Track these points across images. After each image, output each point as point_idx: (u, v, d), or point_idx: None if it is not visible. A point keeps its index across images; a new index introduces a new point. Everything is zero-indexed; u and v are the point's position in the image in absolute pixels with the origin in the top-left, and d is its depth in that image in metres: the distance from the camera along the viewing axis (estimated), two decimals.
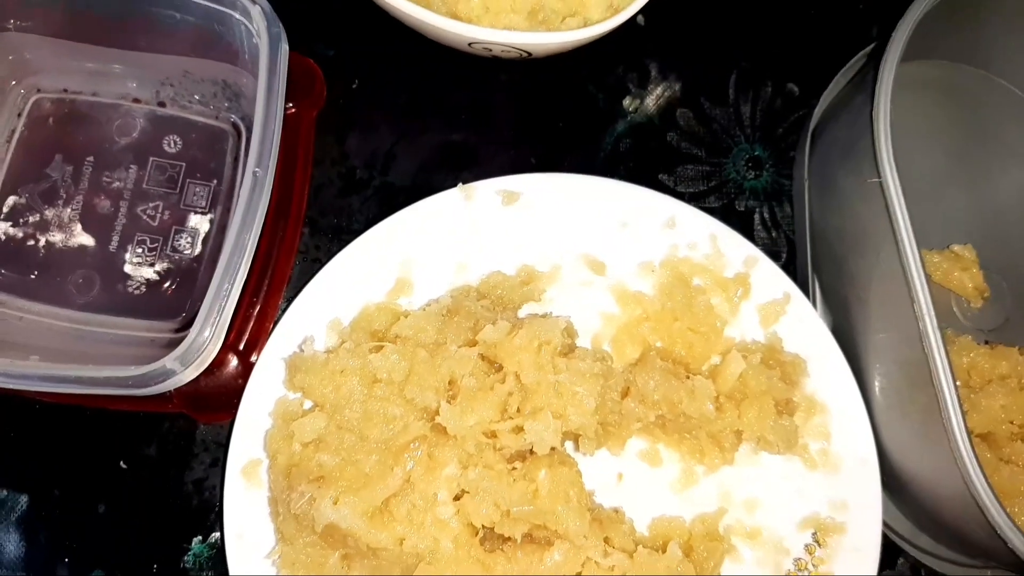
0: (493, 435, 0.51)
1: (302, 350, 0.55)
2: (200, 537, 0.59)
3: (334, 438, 0.51)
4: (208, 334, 0.49)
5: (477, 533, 0.51)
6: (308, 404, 0.55)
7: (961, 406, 0.49)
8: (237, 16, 0.55)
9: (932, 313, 0.50)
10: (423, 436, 0.51)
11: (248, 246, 0.50)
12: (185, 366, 0.49)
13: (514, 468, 0.51)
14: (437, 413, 0.51)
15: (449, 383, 0.52)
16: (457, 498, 0.50)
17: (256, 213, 0.50)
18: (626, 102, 0.67)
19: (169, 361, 0.48)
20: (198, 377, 0.52)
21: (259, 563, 0.53)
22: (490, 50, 0.57)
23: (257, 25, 0.54)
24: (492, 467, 0.50)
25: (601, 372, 0.52)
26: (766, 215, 0.66)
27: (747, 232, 0.65)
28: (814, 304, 0.62)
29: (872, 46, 0.63)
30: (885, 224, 0.53)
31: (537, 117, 0.67)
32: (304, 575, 0.50)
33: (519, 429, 0.51)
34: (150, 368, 0.48)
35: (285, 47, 0.54)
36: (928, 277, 0.51)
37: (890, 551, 0.61)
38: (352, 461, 0.50)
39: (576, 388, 0.51)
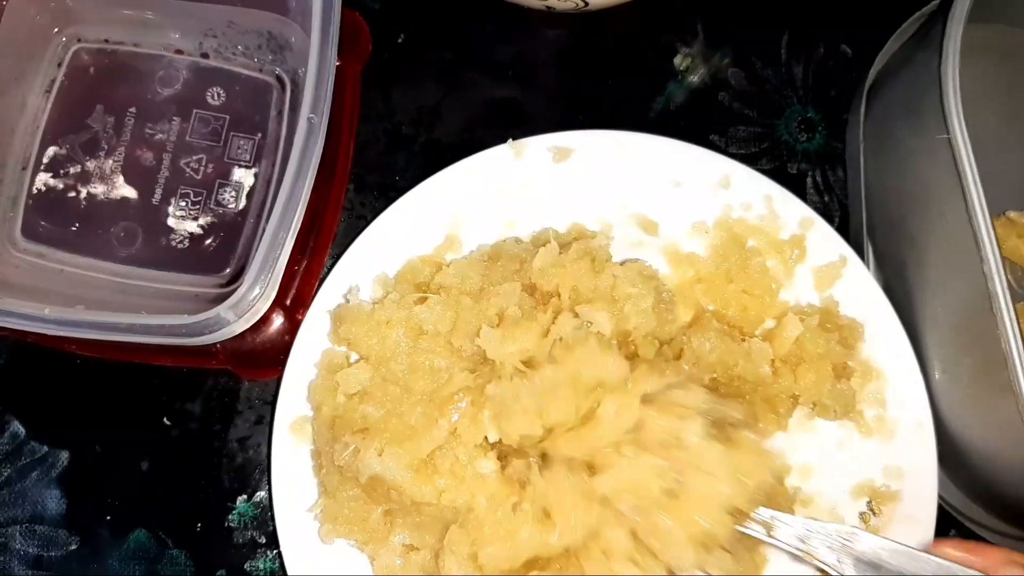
0: (530, 364, 0.50)
1: (347, 300, 0.54)
2: (245, 496, 0.58)
3: (379, 390, 0.50)
4: (260, 286, 0.48)
5: (512, 495, 0.50)
6: (354, 358, 0.54)
7: None
8: None
9: (1001, 271, 0.49)
10: (467, 387, 0.50)
11: (303, 195, 0.49)
12: (238, 316, 0.48)
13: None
14: (484, 358, 0.50)
15: (498, 321, 0.52)
16: (500, 456, 0.50)
17: (310, 162, 0.49)
18: (677, 61, 0.66)
19: (223, 310, 0.47)
20: (244, 333, 0.52)
21: (306, 521, 0.52)
22: (546, 2, 0.55)
23: None
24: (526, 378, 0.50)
25: (654, 275, 0.52)
26: (818, 179, 0.65)
27: (799, 196, 0.63)
28: (869, 269, 0.61)
29: (933, 4, 0.61)
30: (950, 182, 0.51)
31: (585, 75, 0.65)
32: (347, 531, 0.49)
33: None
34: (204, 316, 0.47)
35: None
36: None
37: (941, 522, 0.59)
38: (397, 413, 0.49)
39: (630, 289, 0.51)
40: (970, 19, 0.60)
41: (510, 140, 0.58)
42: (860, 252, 0.61)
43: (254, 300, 0.48)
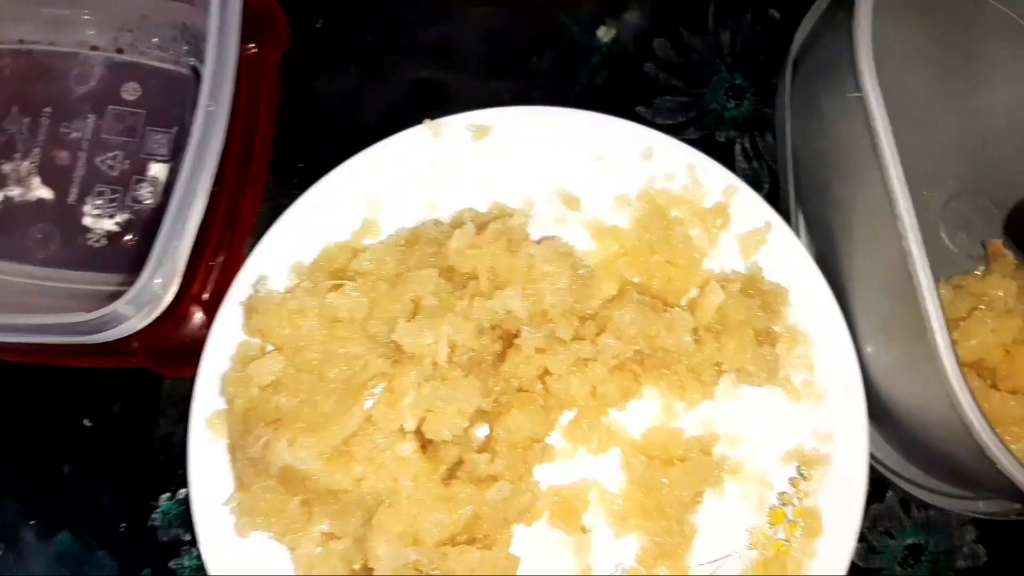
0: (453, 348, 0.50)
1: (256, 291, 0.53)
2: (168, 494, 0.58)
3: (292, 380, 0.49)
4: (160, 277, 0.47)
5: (438, 470, 0.49)
6: (271, 349, 0.53)
7: (948, 326, 0.47)
8: None
9: (917, 230, 0.48)
10: (383, 373, 0.49)
11: (201, 186, 0.48)
12: (137, 310, 0.47)
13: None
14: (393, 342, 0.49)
15: (414, 308, 0.51)
16: (421, 439, 0.49)
17: (209, 153, 0.49)
18: (600, 32, 0.65)
19: (120, 305, 0.46)
20: (161, 329, 0.51)
21: (225, 516, 0.52)
22: None
23: None
24: (447, 377, 0.49)
25: (571, 252, 0.52)
26: (747, 146, 0.64)
27: (728, 163, 0.62)
28: (798, 234, 0.60)
29: None
30: (867, 142, 0.50)
31: (509, 51, 0.65)
32: (264, 523, 0.49)
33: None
34: (100, 313, 0.46)
35: None
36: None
37: (878, 484, 0.59)
38: (310, 402, 0.49)
39: (546, 267, 0.51)
40: None
41: (427, 120, 0.57)
42: (789, 218, 0.60)
43: (153, 293, 0.47)
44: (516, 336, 0.51)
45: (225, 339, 0.54)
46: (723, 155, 0.63)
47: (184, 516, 0.57)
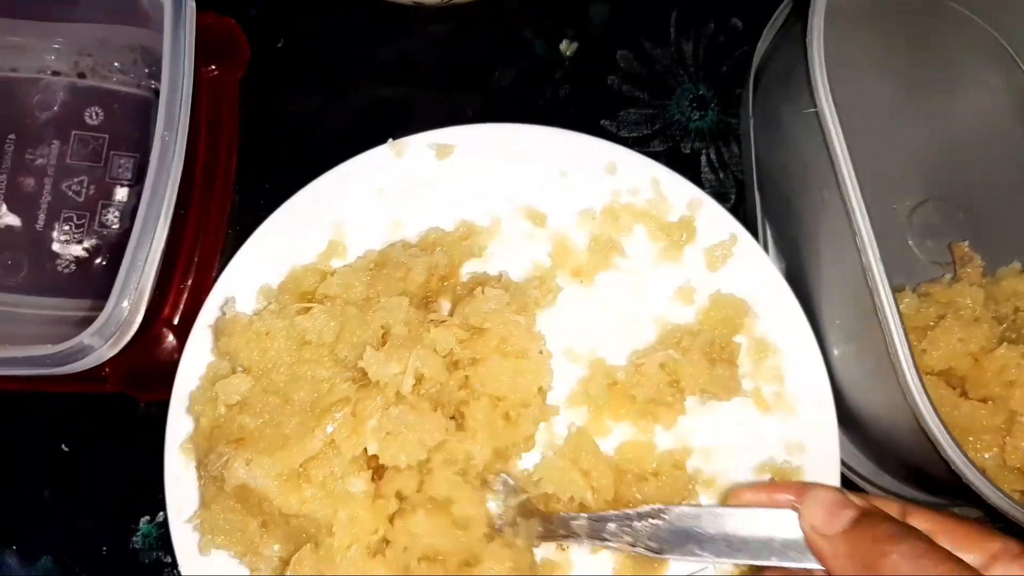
0: (420, 380, 0.50)
1: (224, 313, 0.53)
2: (148, 517, 0.58)
3: (258, 400, 0.50)
4: (125, 306, 0.47)
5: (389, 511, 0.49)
6: (240, 370, 0.53)
7: (908, 340, 0.48)
8: None
9: (874, 244, 0.48)
10: (346, 398, 0.49)
11: (162, 213, 0.48)
12: (104, 340, 0.47)
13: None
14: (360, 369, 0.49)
15: (383, 334, 0.51)
16: (375, 472, 0.49)
17: (167, 179, 0.49)
18: (563, 46, 0.65)
19: (87, 336, 0.47)
20: (132, 354, 0.51)
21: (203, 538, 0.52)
22: None
23: None
24: (415, 407, 0.49)
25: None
26: (713, 156, 0.64)
27: (694, 175, 0.63)
28: (765, 246, 0.60)
29: None
30: (826, 156, 0.51)
31: (472, 67, 0.65)
32: (225, 542, 0.49)
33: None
34: (67, 345, 0.46)
35: (191, 3, 0.52)
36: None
37: (851, 490, 0.59)
38: (273, 423, 0.49)
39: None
40: None
41: (390, 140, 0.57)
42: (755, 230, 0.60)
43: (119, 323, 0.47)
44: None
45: (197, 362, 0.54)
46: (689, 166, 0.63)
47: (164, 538, 0.57)
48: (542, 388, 0.52)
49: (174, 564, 0.56)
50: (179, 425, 0.53)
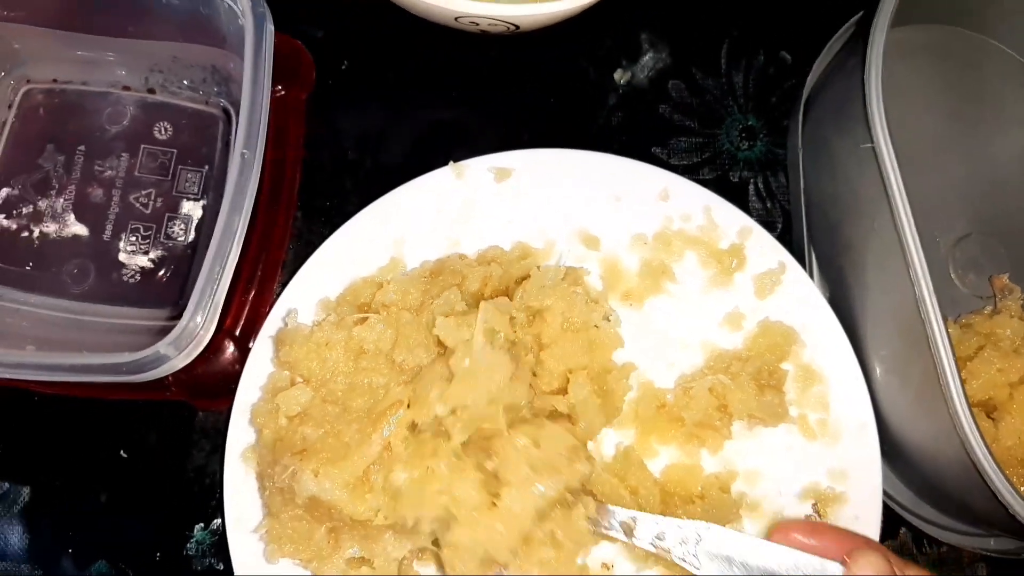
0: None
1: (286, 324, 0.55)
2: (202, 524, 0.59)
3: (319, 411, 0.51)
4: (200, 319, 0.49)
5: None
6: (300, 381, 0.55)
7: (959, 371, 0.49)
8: None
9: (928, 278, 0.50)
10: (400, 401, 0.51)
11: (238, 230, 0.50)
12: (178, 351, 0.49)
13: None
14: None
15: (437, 341, 0.53)
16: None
17: (245, 196, 0.50)
18: (617, 75, 0.67)
19: (163, 347, 0.48)
20: (195, 364, 0.52)
21: (257, 545, 0.53)
22: (477, 24, 0.56)
23: (241, 6, 0.53)
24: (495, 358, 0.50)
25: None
26: (760, 186, 0.66)
27: (742, 203, 0.64)
28: (811, 274, 0.62)
29: (861, 13, 0.62)
30: (879, 189, 0.52)
31: (528, 92, 0.66)
32: (292, 550, 0.50)
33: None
34: (143, 354, 0.48)
35: (270, 27, 0.53)
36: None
37: (891, 521, 0.61)
38: (334, 433, 0.51)
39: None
40: (904, 20, 0.61)
41: (451, 162, 0.59)
42: (802, 259, 0.62)
43: (194, 335, 0.49)
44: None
45: (258, 373, 0.56)
46: (737, 195, 0.65)
47: (218, 546, 0.58)
48: None
49: (226, 571, 0.58)
50: (240, 435, 0.55)
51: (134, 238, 0.61)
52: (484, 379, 0.50)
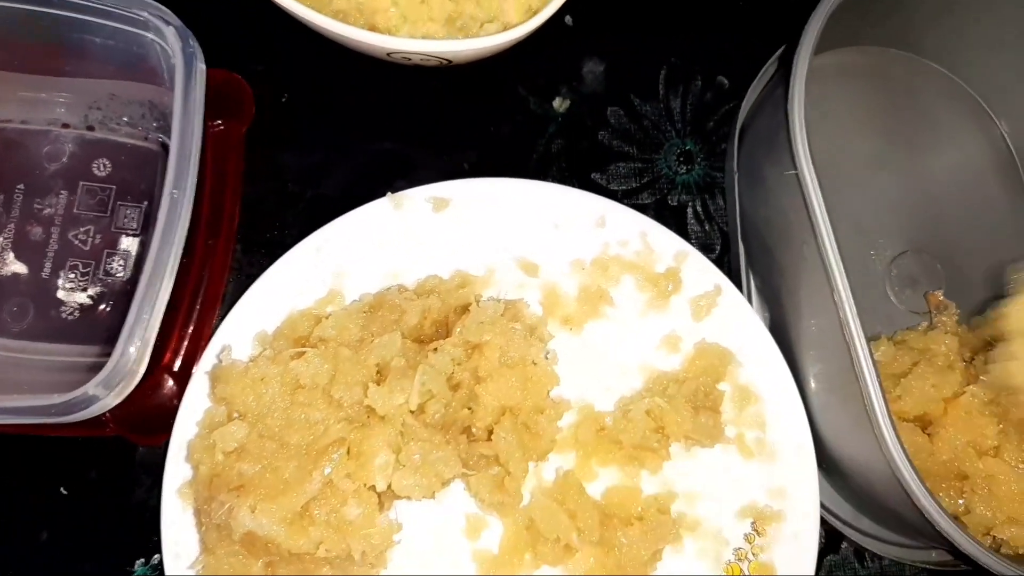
0: (422, 411, 0.53)
1: (220, 360, 0.55)
2: (143, 560, 0.59)
3: (255, 446, 0.51)
4: (130, 358, 0.49)
5: None
6: (237, 416, 0.55)
7: (884, 393, 0.50)
8: (152, 37, 0.55)
9: (851, 303, 0.51)
10: (341, 439, 0.51)
11: (167, 270, 0.50)
12: (109, 391, 0.49)
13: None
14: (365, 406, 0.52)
15: (378, 372, 0.53)
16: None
17: (174, 235, 0.51)
18: (556, 103, 0.67)
19: (91, 387, 0.48)
20: (132, 400, 0.52)
21: None
22: (410, 59, 0.57)
23: (171, 46, 0.54)
24: (429, 440, 0.51)
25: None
26: (699, 209, 0.66)
27: (681, 227, 0.66)
28: (749, 296, 0.63)
29: (789, 41, 0.63)
30: (807, 215, 0.53)
31: (468, 122, 0.67)
32: None
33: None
34: (73, 395, 0.48)
35: (201, 66, 0.54)
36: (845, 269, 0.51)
37: (833, 536, 0.61)
38: (272, 468, 0.51)
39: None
40: (834, 44, 0.62)
41: (389, 193, 0.59)
42: (740, 280, 0.62)
43: (123, 374, 0.49)
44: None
45: (195, 408, 0.56)
46: (676, 218, 0.66)
47: None
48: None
49: None
50: (177, 471, 0.55)
51: (73, 275, 0.61)
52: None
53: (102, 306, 0.61)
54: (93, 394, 0.48)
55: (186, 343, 0.58)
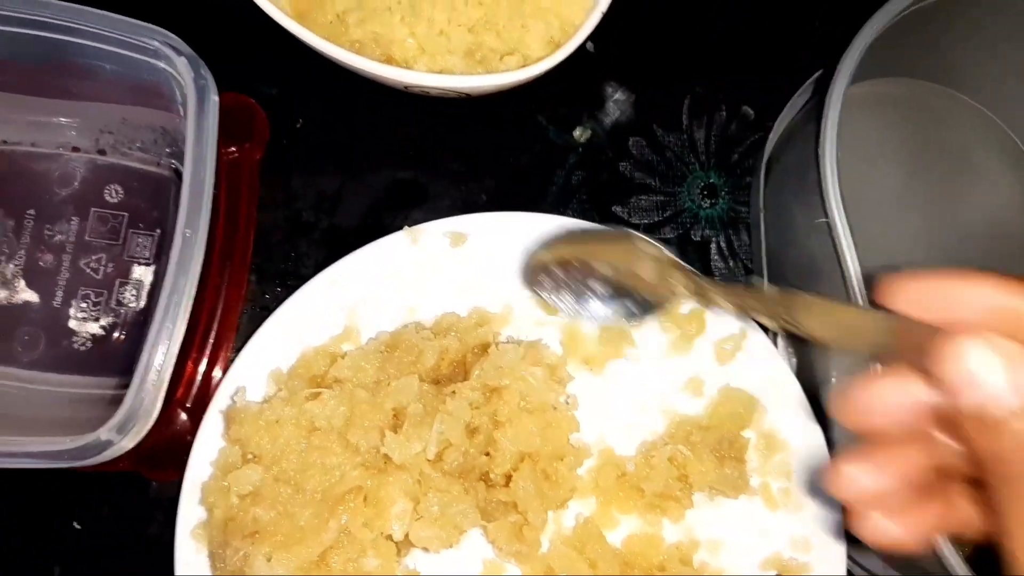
0: (439, 458, 0.52)
1: (235, 401, 0.54)
2: None
3: (270, 490, 0.50)
4: (143, 400, 0.48)
5: None
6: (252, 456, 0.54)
7: None
8: (163, 65, 0.53)
9: None
10: (358, 488, 0.50)
11: (181, 310, 0.49)
12: (123, 435, 0.48)
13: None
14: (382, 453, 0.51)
15: (394, 416, 0.52)
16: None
17: (188, 275, 0.49)
18: (577, 133, 0.66)
19: (104, 432, 0.47)
20: (147, 435, 0.51)
21: None
22: (428, 92, 0.55)
23: (183, 77, 0.52)
24: (447, 490, 0.50)
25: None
26: (723, 244, 0.65)
27: (704, 262, 0.64)
28: (775, 339, 0.61)
29: (820, 72, 0.61)
30: (835, 263, 0.51)
31: (487, 151, 0.65)
32: None
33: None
34: (85, 440, 0.47)
35: (214, 98, 0.52)
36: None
37: None
38: (287, 515, 0.50)
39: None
40: (867, 75, 0.60)
41: (405, 227, 0.58)
42: None
43: (136, 417, 0.47)
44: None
45: (209, 447, 0.54)
46: (699, 254, 0.64)
47: None
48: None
49: None
50: (191, 511, 0.54)
51: (85, 304, 0.60)
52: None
53: (115, 336, 0.60)
54: (106, 439, 0.47)
55: (199, 377, 0.57)
